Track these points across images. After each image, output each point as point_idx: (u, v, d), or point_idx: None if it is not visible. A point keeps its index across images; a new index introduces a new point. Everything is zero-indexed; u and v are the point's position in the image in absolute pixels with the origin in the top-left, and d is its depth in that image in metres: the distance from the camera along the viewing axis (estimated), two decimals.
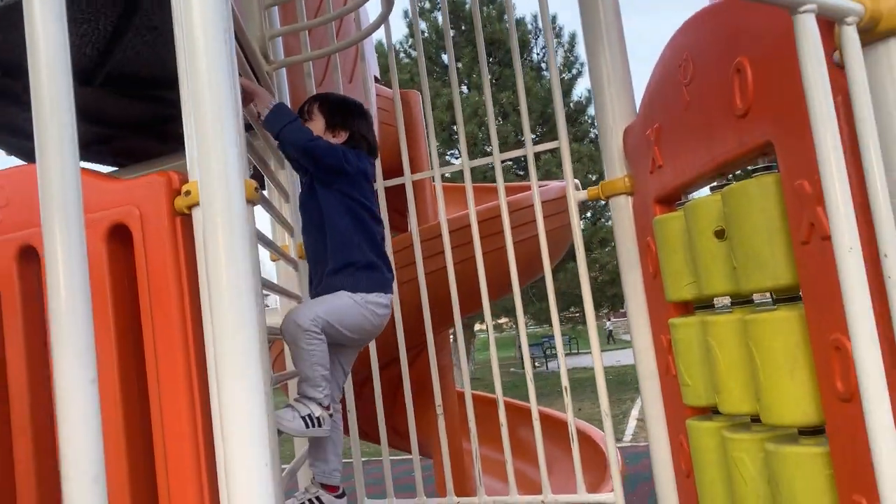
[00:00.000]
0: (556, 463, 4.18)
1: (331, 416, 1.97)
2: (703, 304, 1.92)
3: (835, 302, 1.17)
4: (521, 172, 17.67)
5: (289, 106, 2.27)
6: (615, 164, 2.37)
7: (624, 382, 16.73)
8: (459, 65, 16.74)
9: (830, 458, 1.35)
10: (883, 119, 1.09)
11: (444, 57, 17.82)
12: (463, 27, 16.97)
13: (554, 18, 19.86)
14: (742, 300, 1.71)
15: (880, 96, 1.10)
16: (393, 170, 3.55)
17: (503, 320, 23.23)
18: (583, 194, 2.51)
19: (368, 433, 3.41)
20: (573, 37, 19.73)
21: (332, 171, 2.06)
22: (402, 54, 17.22)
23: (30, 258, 1.79)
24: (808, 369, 1.39)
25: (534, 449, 2.84)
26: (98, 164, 3.39)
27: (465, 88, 16.76)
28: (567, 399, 2.63)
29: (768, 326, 1.45)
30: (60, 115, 1.19)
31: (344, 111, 2.20)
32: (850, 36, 1.05)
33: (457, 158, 16.68)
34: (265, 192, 2.73)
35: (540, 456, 2.63)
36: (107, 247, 1.69)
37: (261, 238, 2.02)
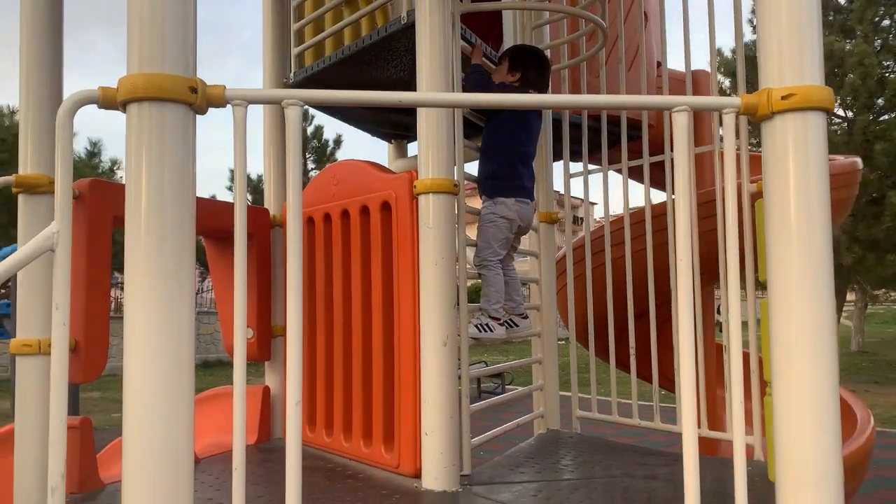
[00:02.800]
0: None
1: (501, 324, 2.91)
2: None
3: None
4: None
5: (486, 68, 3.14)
6: None
7: None
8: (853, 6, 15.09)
9: None
10: (774, 173, 1.60)
11: None
12: None
13: None
14: None
15: (769, 155, 1.61)
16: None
17: (879, 291, 20.53)
18: (753, 187, 2.93)
19: (638, 370, 4.10)
20: None
21: (489, 111, 2.95)
22: None
23: (345, 216, 3.04)
24: None
25: None
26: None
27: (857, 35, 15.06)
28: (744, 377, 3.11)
29: (763, 311, 1.97)
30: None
31: (519, 59, 3.03)
32: (729, 122, 1.57)
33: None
34: None
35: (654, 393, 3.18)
36: (380, 213, 2.84)
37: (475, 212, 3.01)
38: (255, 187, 18.10)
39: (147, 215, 1.37)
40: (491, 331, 2.89)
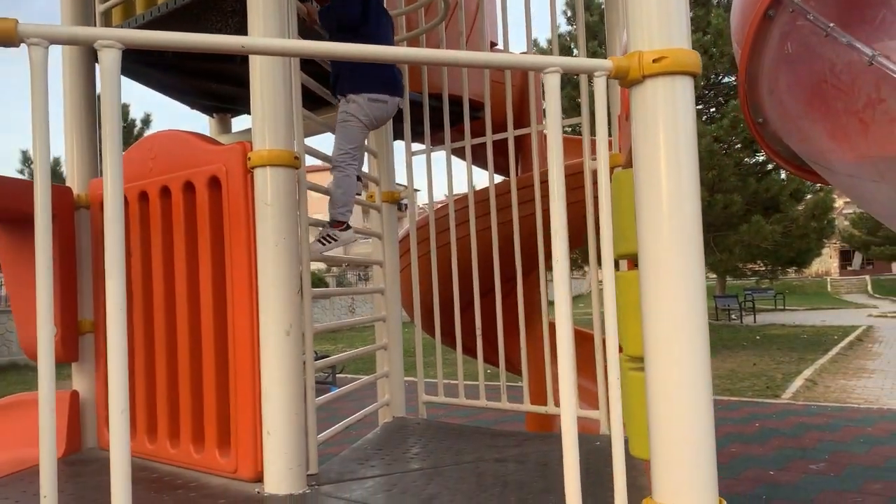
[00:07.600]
0: None
1: (344, 229, 2.80)
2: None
3: None
4: None
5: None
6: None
7: (817, 343, 15.85)
8: None
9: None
10: (644, 138, 1.55)
11: None
12: None
13: None
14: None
15: (638, 119, 1.55)
16: (501, 123, 4.07)
17: None
18: (594, 164, 2.96)
19: (467, 346, 4.04)
20: None
21: (357, 24, 2.82)
22: None
23: (165, 195, 2.68)
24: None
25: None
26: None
27: None
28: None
29: (623, 282, 1.94)
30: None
31: None
32: (600, 85, 1.51)
33: None
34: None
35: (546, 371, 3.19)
36: (208, 191, 2.52)
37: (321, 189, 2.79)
38: (53, 170, 16.41)
39: None
40: (335, 240, 2.78)
